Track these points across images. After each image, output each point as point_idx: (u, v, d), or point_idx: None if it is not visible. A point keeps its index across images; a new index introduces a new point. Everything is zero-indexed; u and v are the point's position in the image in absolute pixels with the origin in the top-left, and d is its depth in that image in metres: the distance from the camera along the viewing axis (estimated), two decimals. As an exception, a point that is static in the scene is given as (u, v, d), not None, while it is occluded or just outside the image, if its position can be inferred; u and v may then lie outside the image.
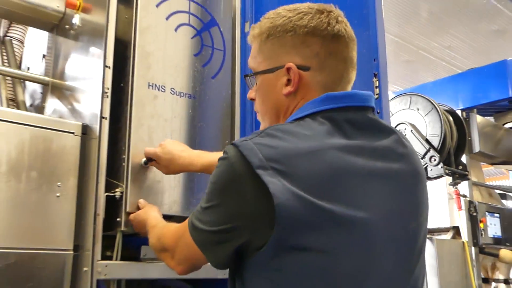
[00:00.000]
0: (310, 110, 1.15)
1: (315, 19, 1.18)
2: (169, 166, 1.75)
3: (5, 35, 2.46)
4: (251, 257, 1.07)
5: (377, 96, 1.79)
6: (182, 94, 1.94)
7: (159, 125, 1.85)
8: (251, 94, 1.34)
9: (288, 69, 1.19)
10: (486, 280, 4.37)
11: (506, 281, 4.48)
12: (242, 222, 1.06)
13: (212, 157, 1.69)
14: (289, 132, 1.09)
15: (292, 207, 0.99)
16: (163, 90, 1.89)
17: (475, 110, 4.69)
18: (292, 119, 1.18)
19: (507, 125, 5.21)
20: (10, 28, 2.48)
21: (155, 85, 1.87)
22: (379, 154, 1.13)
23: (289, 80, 1.20)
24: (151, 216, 1.62)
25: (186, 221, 1.21)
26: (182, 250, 1.26)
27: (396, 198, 1.13)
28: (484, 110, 5.01)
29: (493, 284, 4.57)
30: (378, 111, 1.78)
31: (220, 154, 1.32)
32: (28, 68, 2.58)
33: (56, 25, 2.25)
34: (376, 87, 1.79)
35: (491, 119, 5.31)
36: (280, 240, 1.01)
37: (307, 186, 1.01)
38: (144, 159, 1.78)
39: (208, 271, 1.92)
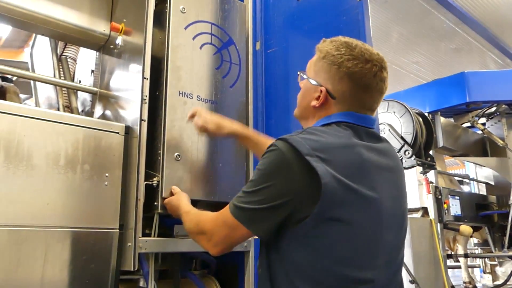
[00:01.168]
0: (336, 119, 1.21)
1: (358, 67, 1.19)
2: (207, 123, 1.70)
3: (61, 54, 2.43)
4: (292, 227, 1.08)
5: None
6: (206, 100, 1.89)
7: (188, 126, 1.80)
8: (300, 83, 1.36)
9: (321, 90, 1.23)
10: (450, 256, 4.33)
11: (466, 255, 4.44)
12: (289, 198, 1.07)
13: (237, 127, 1.72)
14: (324, 131, 1.15)
15: (333, 187, 1.04)
16: (190, 97, 1.84)
17: (439, 112, 4.69)
18: (321, 124, 1.23)
19: (465, 125, 5.18)
20: (66, 48, 2.44)
21: (184, 93, 1.82)
22: (382, 153, 1.21)
23: (318, 97, 1.24)
24: (183, 202, 1.57)
25: (226, 207, 1.19)
26: (222, 231, 1.21)
27: (394, 185, 1.21)
28: (446, 112, 4.98)
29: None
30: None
31: (238, 127, 1.67)
32: (80, 81, 2.54)
33: (102, 45, 2.21)
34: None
35: (452, 120, 5.27)
36: (321, 213, 1.04)
37: (342, 171, 1.07)
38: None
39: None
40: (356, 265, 1.08)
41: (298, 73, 1.36)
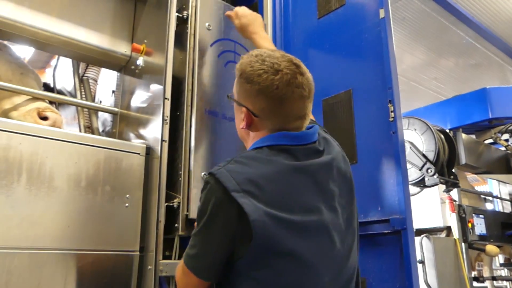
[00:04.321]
0: (268, 143, 1.15)
1: (268, 80, 1.13)
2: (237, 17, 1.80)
3: (83, 75, 2.45)
4: (235, 263, 1.07)
5: (392, 119, 1.69)
6: (231, 119, 1.87)
7: (215, 143, 1.79)
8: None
9: (243, 111, 1.19)
10: (476, 278, 4.18)
11: (494, 278, 4.28)
12: (226, 238, 1.06)
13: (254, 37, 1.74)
14: (253, 158, 1.11)
15: (262, 222, 1.01)
16: (216, 116, 1.83)
17: (460, 129, 4.57)
18: (253, 147, 1.18)
19: (487, 141, 5.06)
20: (87, 69, 2.46)
21: (211, 111, 1.82)
22: (323, 167, 1.15)
23: (244, 118, 1.19)
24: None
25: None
26: (181, 279, 1.17)
27: (339, 196, 1.17)
28: (467, 129, 4.87)
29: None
30: (393, 131, 1.68)
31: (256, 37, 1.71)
32: (101, 101, 2.55)
33: (123, 66, 2.22)
34: (392, 111, 1.69)
35: (473, 136, 5.16)
36: (257, 249, 1.03)
37: (272, 202, 1.04)
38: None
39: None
40: None
41: (227, 95, 1.31)
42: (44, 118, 1.83)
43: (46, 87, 2.54)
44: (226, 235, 1.06)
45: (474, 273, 4.33)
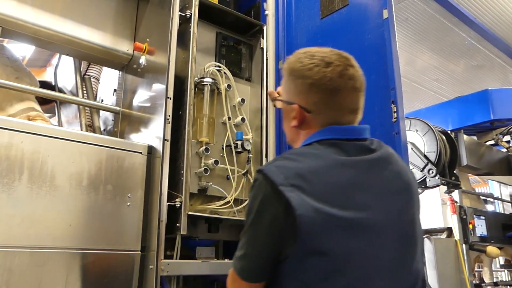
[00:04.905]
0: (316, 138, 1.11)
1: (320, 73, 1.11)
2: None
3: (85, 74, 2.44)
4: (282, 264, 1.01)
5: (395, 120, 1.68)
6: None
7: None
8: (278, 105, 1.30)
9: (295, 108, 1.16)
10: (479, 286, 4.16)
11: (495, 284, 4.27)
12: (274, 235, 1.00)
13: None
14: (301, 154, 1.08)
15: (310, 218, 0.96)
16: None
17: (462, 130, 4.55)
18: (303, 145, 1.15)
19: (488, 143, 5.04)
20: (89, 68, 2.46)
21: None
22: (375, 166, 1.10)
23: (295, 116, 1.17)
24: None
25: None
26: (231, 285, 1.12)
27: (393, 198, 1.10)
28: (469, 130, 4.85)
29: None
30: (396, 132, 1.67)
31: None
32: (102, 100, 2.55)
33: (126, 65, 2.21)
34: (394, 112, 1.68)
35: (475, 137, 5.14)
36: (303, 247, 0.97)
37: (321, 197, 0.99)
38: None
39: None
40: None
41: (272, 97, 1.30)
42: None
43: (47, 85, 2.54)
44: (274, 232, 1.00)
45: (475, 281, 4.33)
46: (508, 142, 4.91)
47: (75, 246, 1.47)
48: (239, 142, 1.93)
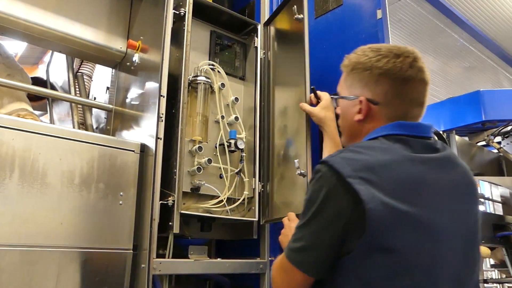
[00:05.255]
0: (383, 132, 1.09)
1: (390, 63, 1.11)
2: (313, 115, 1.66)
3: (77, 71, 2.43)
4: (342, 258, 0.97)
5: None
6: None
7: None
8: (338, 110, 1.29)
9: (361, 101, 1.14)
10: None
11: (485, 281, 4.29)
12: (338, 228, 0.96)
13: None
14: (368, 147, 1.05)
15: (379, 212, 0.92)
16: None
17: (454, 131, 4.59)
18: (367, 139, 1.12)
19: (480, 144, 5.08)
20: (82, 65, 2.44)
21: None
22: (441, 165, 1.07)
23: (360, 110, 1.15)
24: None
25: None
26: (280, 277, 1.08)
27: (457, 200, 1.07)
28: (460, 131, 4.89)
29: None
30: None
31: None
32: (95, 98, 2.53)
33: (119, 62, 2.20)
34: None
35: (466, 138, 5.18)
36: (369, 242, 0.93)
37: (390, 192, 0.95)
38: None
39: (243, 267, 1.83)
40: None
41: (331, 96, 1.31)
42: None
43: (39, 81, 2.52)
44: (338, 226, 0.95)
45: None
46: (499, 143, 4.95)
47: (66, 244, 1.46)
48: (232, 141, 1.92)
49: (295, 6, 1.86)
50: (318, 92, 1.70)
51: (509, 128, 4.79)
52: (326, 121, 1.61)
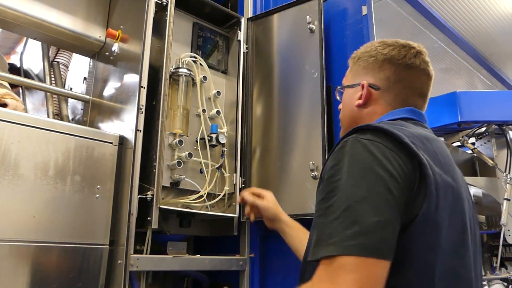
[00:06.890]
0: (400, 115, 1.08)
1: (395, 50, 1.13)
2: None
3: (53, 60, 2.33)
4: (406, 231, 0.82)
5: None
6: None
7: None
8: (340, 106, 1.28)
9: (363, 86, 1.14)
10: None
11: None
12: (404, 188, 0.82)
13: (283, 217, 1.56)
14: (393, 123, 0.98)
15: (435, 181, 0.85)
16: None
17: (430, 131, 4.65)
18: (385, 120, 1.07)
19: (455, 144, 5.18)
20: (58, 54, 2.35)
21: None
22: (446, 154, 1.04)
23: (361, 95, 1.15)
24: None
25: (321, 263, 0.78)
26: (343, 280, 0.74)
27: (465, 188, 1.04)
28: (437, 131, 4.95)
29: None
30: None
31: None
32: (71, 88, 2.44)
33: (97, 52, 2.12)
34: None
35: (442, 138, 5.27)
36: (427, 213, 0.82)
37: (436, 162, 0.90)
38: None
39: (223, 264, 1.80)
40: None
41: (335, 88, 1.30)
42: (3, 105, 1.74)
43: (13, 68, 2.42)
44: (403, 185, 0.81)
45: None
46: (473, 143, 5.05)
47: (38, 239, 1.39)
48: (213, 135, 1.88)
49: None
50: (259, 190, 1.65)
51: (483, 129, 4.89)
52: (280, 211, 1.57)
